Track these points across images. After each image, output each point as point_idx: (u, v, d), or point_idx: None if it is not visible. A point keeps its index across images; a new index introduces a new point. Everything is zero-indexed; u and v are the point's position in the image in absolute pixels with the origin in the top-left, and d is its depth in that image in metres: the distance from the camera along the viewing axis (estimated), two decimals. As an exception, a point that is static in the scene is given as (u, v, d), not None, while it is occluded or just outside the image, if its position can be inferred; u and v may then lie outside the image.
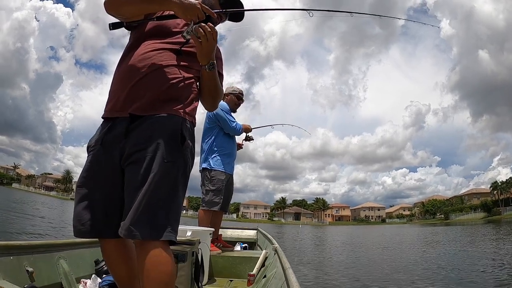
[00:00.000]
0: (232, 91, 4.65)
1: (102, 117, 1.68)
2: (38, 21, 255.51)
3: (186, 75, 1.68)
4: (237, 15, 1.92)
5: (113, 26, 1.72)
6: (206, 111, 4.15)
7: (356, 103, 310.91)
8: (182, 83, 1.65)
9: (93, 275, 2.79)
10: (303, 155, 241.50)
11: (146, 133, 1.52)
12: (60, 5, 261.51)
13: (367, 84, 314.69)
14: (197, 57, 1.67)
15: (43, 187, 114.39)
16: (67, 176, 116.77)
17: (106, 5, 1.63)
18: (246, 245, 5.45)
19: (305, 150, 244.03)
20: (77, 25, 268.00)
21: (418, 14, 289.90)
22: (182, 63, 1.68)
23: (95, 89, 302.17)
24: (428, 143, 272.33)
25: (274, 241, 4.30)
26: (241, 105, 4.76)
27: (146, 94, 1.57)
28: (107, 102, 1.67)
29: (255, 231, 6.01)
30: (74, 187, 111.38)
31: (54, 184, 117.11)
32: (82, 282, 2.68)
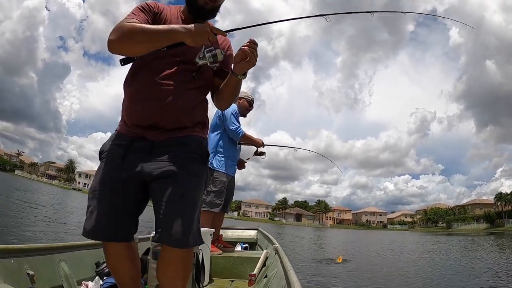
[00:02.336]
0: (246, 96, 4.66)
1: (119, 131, 1.79)
2: (48, 10, 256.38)
3: (202, 96, 1.81)
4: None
5: (124, 62, 1.66)
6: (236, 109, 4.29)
7: (362, 107, 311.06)
8: (200, 105, 1.79)
9: (97, 277, 2.82)
10: (306, 157, 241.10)
11: (175, 152, 1.67)
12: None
13: (373, 88, 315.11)
14: (234, 68, 1.71)
15: (46, 176, 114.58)
16: (70, 165, 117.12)
17: (111, 45, 1.58)
18: (246, 245, 5.44)
19: (309, 153, 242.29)
20: (87, 16, 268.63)
21: (427, 21, 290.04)
22: (198, 83, 1.76)
23: (102, 81, 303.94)
24: (431, 151, 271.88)
25: (274, 241, 4.30)
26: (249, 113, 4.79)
27: (169, 119, 1.69)
28: (124, 119, 1.76)
29: (256, 231, 6.03)
30: (76, 176, 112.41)
31: (57, 173, 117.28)
32: (83, 285, 2.69)
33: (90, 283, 2.69)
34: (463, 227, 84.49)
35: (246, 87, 4.53)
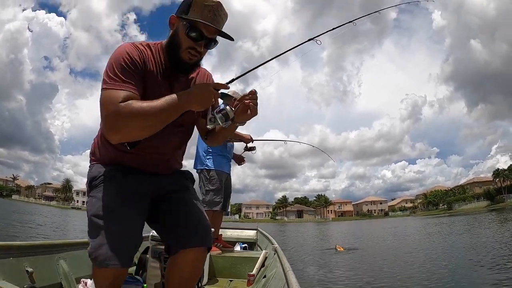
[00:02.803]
0: (237, 97, 4.44)
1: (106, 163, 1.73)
2: (31, 31, 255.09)
3: (188, 139, 1.91)
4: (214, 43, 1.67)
5: (131, 146, 1.59)
6: None
7: (352, 99, 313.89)
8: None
9: None
10: (301, 152, 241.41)
11: (175, 175, 1.87)
12: (53, 15, 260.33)
13: (361, 79, 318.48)
14: (236, 120, 1.65)
15: (43, 197, 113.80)
16: (67, 185, 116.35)
17: (114, 138, 1.49)
18: (246, 245, 5.43)
19: (303, 148, 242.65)
20: (70, 34, 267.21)
21: (410, 6, 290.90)
22: (189, 133, 1.87)
23: (91, 97, 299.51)
24: (425, 135, 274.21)
25: (274, 241, 4.32)
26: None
27: (166, 170, 1.81)
28: (115, 161, 1.71)
29: (255, 231, 6.04)
30: (74, 195, 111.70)
31: (54, 194, 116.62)
32: (82, 282, 2.69)
33: (88, 281, 2.68)
34: (464, 206, 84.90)
35: (235, 88, 4.45)
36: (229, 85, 1.59)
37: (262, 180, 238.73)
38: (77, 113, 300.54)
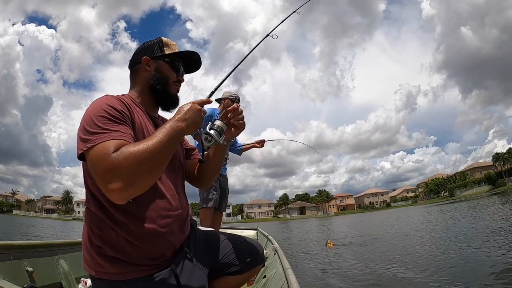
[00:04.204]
0: (229, 96, 4.47)
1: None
2: (22, 45, 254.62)
3: None
4: (193, 66, 1.75)
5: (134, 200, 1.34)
6: (212, 112, 4.16)
7: (346, 93, 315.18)
8: None
9: None
10: (299, 149, 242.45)
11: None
12: (43, 27, 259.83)
13: (354, 73, 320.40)
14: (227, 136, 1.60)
15: (44, 211, 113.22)
16: (67, 196, 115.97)
17: (121, 196, 1.20)
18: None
19: (300, 145, 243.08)
20: (61, 45, 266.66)
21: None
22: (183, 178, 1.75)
23: (85, 107, 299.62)
24: (422, 124, 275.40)
25: (274, 241, 4.33)
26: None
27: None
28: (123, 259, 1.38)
29: (255, 231, 6.07)
30: (75, 206, 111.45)
31: (55, 206, 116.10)
32: (82, 282, 2.71)
33: (88, 280, 2.64)
34: (466, 192, 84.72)
35: (228, 89, 4.27)
36: (211, 97, 1.56)
37: (262, 179, 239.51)
38: (73, 124, 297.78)
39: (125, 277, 1.36)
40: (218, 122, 1.51)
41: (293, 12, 2.23)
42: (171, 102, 1.63)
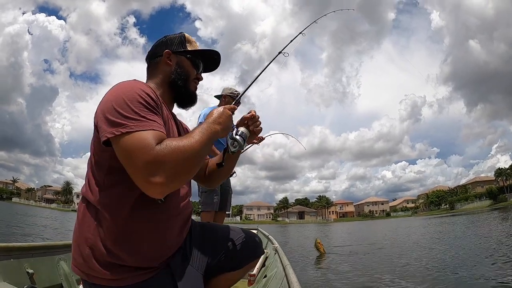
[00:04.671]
0: (230, 93, 4.34)
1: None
2: (31, 34, 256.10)
3: None
4: (211, 66, 1.74)
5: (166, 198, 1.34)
6: (203, 112, 4.14)
7: (351, 100, 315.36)
8: None
9: None
10: (301, 154, 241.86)
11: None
12: (53, 18, 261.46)
13: (360, 80, 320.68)
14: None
15: (44, 200, 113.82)
16: (67, 187, 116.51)
17: (166, 189, 1.16)
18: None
19: (303, 149, 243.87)
20: (70, 37, 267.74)
21: (408, 7, 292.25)
22: None
23: (90, 100, 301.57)
24: (425, 135, 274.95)
25: (274, 241, 4.36)
26: (238, 109, 4.32)
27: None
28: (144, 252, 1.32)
29: (256, 231, 5.92)
30: (74, 198, 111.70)
31: (54, 196, 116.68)
32: (83, 283, 2.36)
33: None
34: (467, 206, 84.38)
35: (229, 85, 4.19)
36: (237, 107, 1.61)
37: (263, 182, 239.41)
38: (78, 116, 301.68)
39: (120, 283, 1.27)
40: (242, 129, 1.51)
41: (299, 33, 2.30)
42: (190, 99, 1.62)
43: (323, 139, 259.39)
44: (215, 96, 4.46)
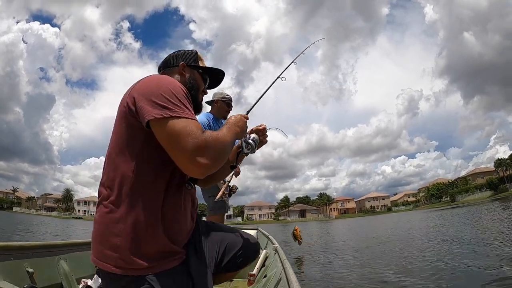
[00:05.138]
0: (222, 98, 4.37)
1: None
2: (26, 43, 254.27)
3: None
4: (215, 83, 1.91)
5: (194, 182, 1.56)
6: (207, 119, 4.18)
7: (348, 97, 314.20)
8: None
9: (95, 276, 2.83)
10: (300, 152, 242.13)
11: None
12: (47, 25, 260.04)
13: (356, 77, 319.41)
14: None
15: (44, 208, 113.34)
16: (67, 194, 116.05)
17: (208, 169, 1.31)
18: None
19: (301, 148, 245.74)
20: (65, 44, 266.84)
21: (401, 2, 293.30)
22: None
23: (88, 107, 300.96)
24: (423, 129, 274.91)
25: (274, 240, 4.35)
26: (234, 109, 4.57)
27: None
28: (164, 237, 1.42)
29: (255, 231, 6.04)
30: (75, 205, 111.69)
31: (55, 204, 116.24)
32: (83, 283, 2.75)
33: (89, 281, 2.74)
34: (468, 198, 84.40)
35: (230, 92, 4.25)
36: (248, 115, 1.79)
37: (263, 182, 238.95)
38: (75, 123, 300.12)
39: (153, 270, 1.35)
40: (254, 135, 1.76)
41: (277, 77, 2.47)
42: (198, 108, 1.74)
43: (321, 136, 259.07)
44: (206, 102, 4.44)
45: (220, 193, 2.87)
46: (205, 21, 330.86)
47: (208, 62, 1.91)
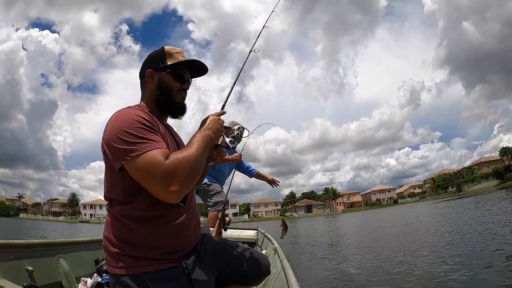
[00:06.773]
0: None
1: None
2: (26, 50, 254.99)
3: None
4: (199, 71, 1.82)
5: (183, 202, 1.51)
6: None
7: (349, 90, 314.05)
8: None
9: (95, 274, 2.88)
10: (304, 147, 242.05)
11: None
12: (47, 32, 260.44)
13: (357, 70, 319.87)
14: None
15: (51, 213, 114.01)
16: (73, 199, 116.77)
17: (178, 195, 1.35)
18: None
19: (305, 143, 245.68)
20: (65, 50, 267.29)
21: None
22: None
23: (90, 111, 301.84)
24: (426, 120, 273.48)
25: (274, 241, 4.51)
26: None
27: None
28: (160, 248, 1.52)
29: (255, 231, 6.16)
30: (81, 209, 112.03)
31: (61, 209, 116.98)
32: (82, 281, 2.78)
33: (89, 279, 2.77)
34: (474, 187, 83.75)
35: (238, 121, 4.11)
36: (224, 109, 1.77)
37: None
38: (78, 128, 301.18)
39: (145, 269, 1.45)
40: (236, 127, 1.90)
41: (263, 27, 2.56)
42: (178, 110, 1.71)
43: (324, 131, 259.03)
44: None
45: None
46: (203, 20, 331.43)
47: (208, 61, 1.70)
